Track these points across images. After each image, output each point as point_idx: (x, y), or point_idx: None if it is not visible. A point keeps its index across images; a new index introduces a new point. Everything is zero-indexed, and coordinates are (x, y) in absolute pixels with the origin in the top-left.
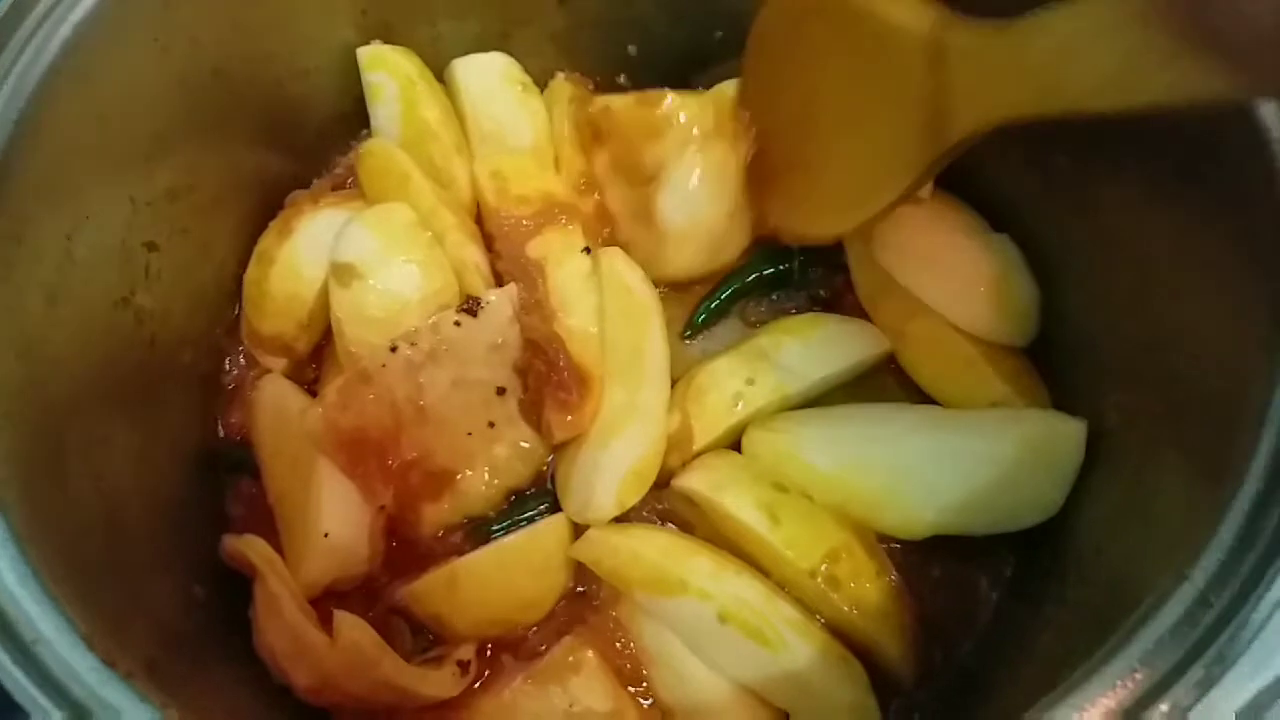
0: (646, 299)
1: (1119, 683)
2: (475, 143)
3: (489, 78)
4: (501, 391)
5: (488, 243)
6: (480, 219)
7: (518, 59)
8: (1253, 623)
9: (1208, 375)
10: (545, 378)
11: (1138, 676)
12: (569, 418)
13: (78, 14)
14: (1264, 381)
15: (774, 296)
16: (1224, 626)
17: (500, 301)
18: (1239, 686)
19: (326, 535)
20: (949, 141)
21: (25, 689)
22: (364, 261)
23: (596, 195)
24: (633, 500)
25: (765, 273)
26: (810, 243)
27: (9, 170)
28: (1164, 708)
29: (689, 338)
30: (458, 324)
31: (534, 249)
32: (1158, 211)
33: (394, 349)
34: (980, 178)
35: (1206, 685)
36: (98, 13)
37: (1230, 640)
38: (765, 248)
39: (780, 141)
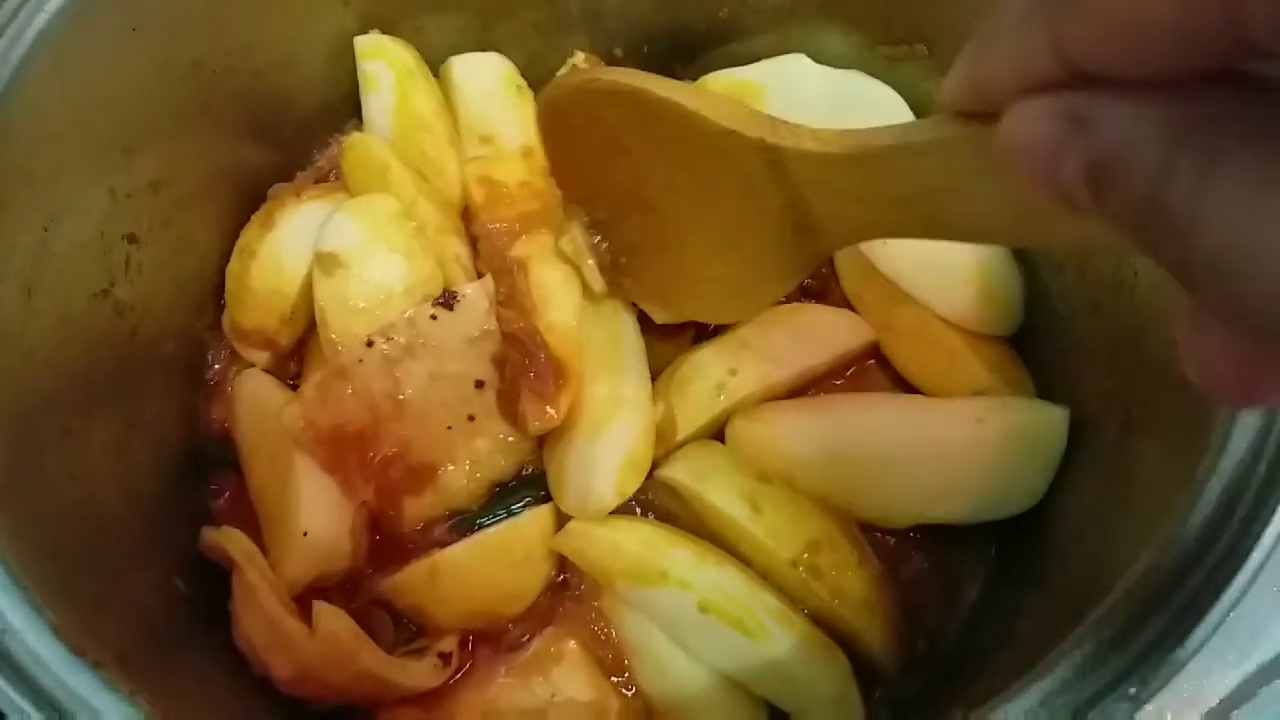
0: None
1: (1088, 664)
2: (466, 141)
3: (485, 78)
4: (480, 384)
5: (472, 242)
6: (466, 216)
7: (500, 51)
8: (1220, 606)
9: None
10: (522, 368)
11: (1106, 661)
12: (546, 409)
13: (54, 3)
14: None
15: None
16: (1189, 613)
17: (476, 295)
18: (1209, 684)
19: (306, 534)
20: (822, 253)
21: None
22: (348, 251)
23: None
24: (631, 489)
25: None
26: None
27: None
28: (1132, 690)
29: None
30: (434, 318)
31: (518, 249)
32: None
33: (370, 344)
34: None
35: (1175, 667)
36: (74, 2)
37: (1197, 624)
38: None
39: (619, 227)
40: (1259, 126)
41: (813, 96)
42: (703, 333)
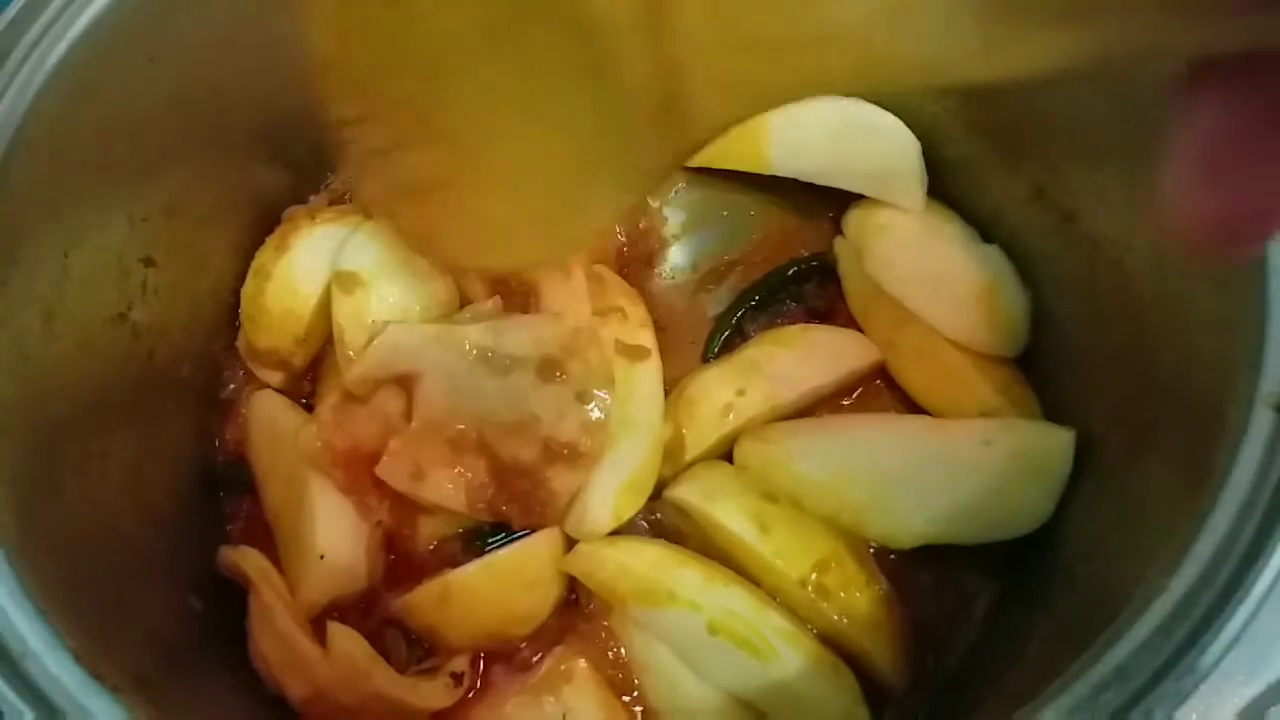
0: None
1: (1094, 693)
2: None
3: None
4: None
5: None
6: None
7: None
8: (1228, 633)
9: (1190, 385)
10: None
11: (1112, 687)
12: None
13: (73, 33)
14: (1246, 392)
15: (768, 307)
16: (1199, 637)
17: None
18: (1218, 704)
19: (322, 557)
20: (680, 148)
21: (12, 702)
22: (367, 270)
23: None
24: (629, 513)
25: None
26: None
27: (5, 188)
28: (1137, 717)
29: (714, 358)
30: None
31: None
32: (1138, 217)
33: None
34: (969, 186)
35: (1180, 697)
36: (93, 31)
37: (1203, 652)
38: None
39: (399, 159)
40: None
41: (814, 120)
42: (709, 352)
